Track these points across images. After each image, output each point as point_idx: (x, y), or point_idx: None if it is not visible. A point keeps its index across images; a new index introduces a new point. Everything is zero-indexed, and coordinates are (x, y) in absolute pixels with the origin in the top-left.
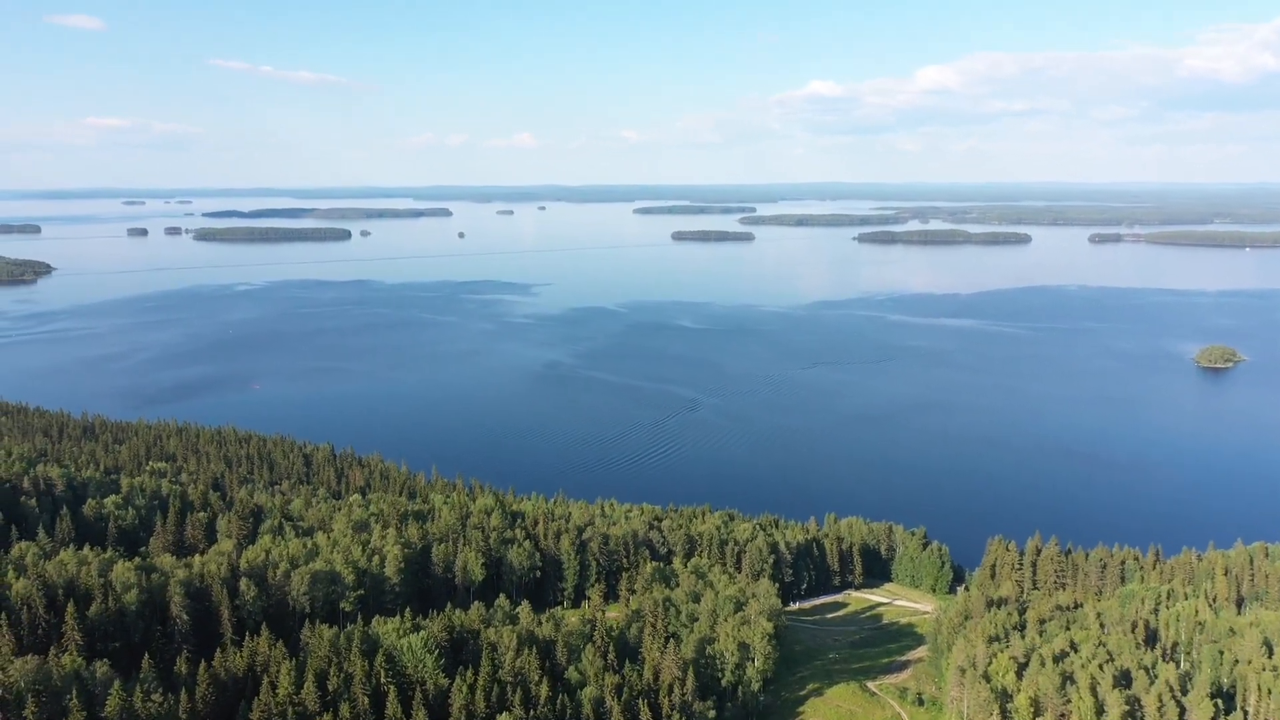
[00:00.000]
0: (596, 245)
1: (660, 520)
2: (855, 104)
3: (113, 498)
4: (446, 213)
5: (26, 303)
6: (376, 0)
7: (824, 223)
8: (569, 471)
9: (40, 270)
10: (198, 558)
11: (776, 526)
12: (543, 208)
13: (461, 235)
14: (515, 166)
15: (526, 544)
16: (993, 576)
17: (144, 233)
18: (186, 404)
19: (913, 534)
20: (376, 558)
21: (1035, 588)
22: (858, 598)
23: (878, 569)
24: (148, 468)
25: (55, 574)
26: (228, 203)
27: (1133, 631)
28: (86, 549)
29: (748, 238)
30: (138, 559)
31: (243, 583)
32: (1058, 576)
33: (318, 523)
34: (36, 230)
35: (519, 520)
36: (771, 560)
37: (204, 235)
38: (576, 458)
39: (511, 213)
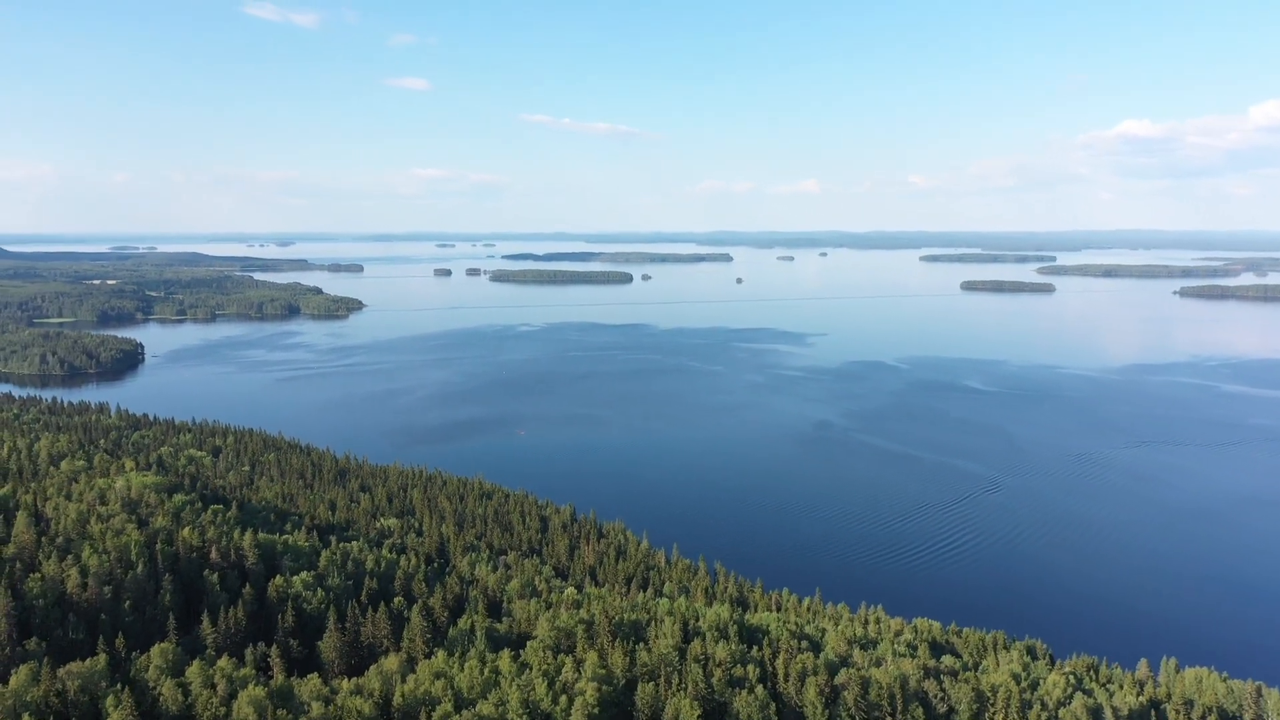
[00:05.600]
0: (878, 294)
1: (940, 653)
2: (1174, 144)
3: (303, 576)
4: (727, 258)
5: (334, 336)
6: (667, 52)
7: (1137, 274)
8: (833, 560)
9: (353, 307)
10: (346, 684)
11: (1095, 676)
12: (824, 254)
13: (739, 281)
14: (799, 212)
15: (760, 690)
16: None
17: (448, 273)
18: (446, 447)
19: None
20: (565, 699)
21: None
22: None
23: None
24: (377, 524)
25: (170, 699)
26: (525, 246)
27: None
28: (224, 661)
29: (1047, 289)
30: (282, 677)
31: None
32: None
33: (524, 620)
34: (360, 269)
35: (756, 645)
36: None
37: (499, 276)
38: (843, 543)
39: (792, 259)
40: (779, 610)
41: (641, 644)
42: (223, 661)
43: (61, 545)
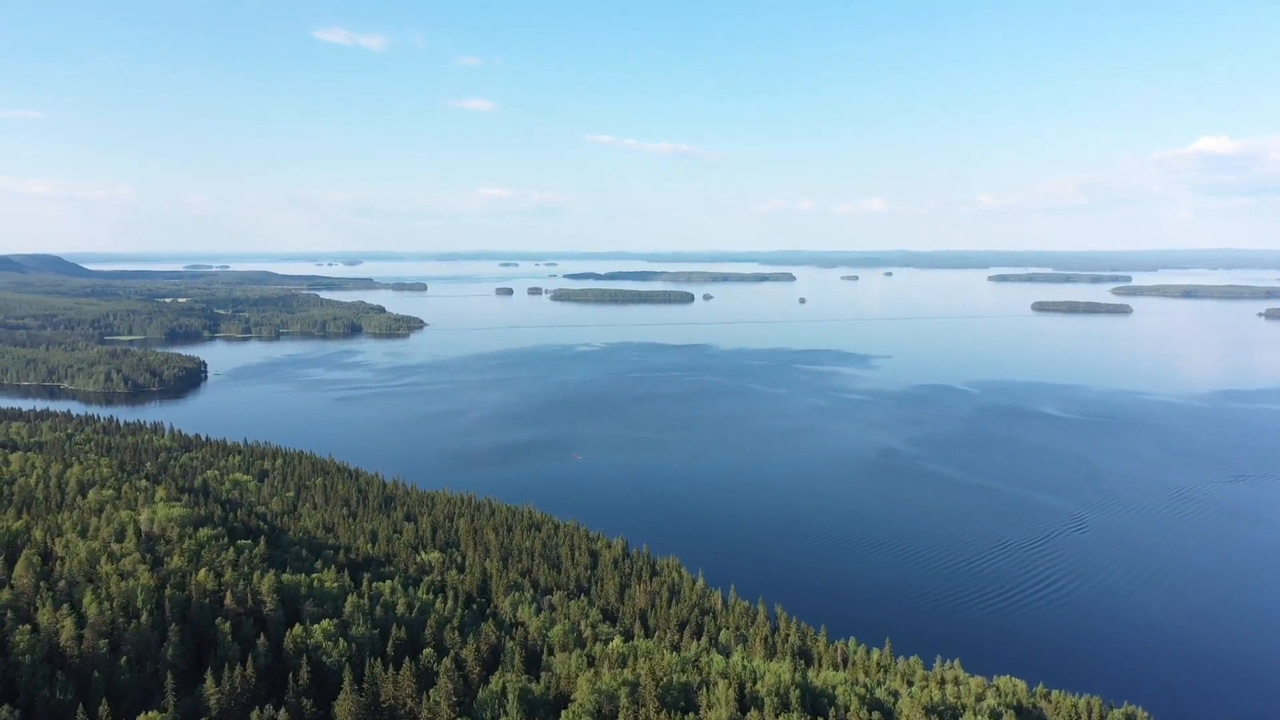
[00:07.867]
0: (945, 315)
1: None
2: (1255, 161)
3: (324, 624)
4: (790, 277)
5: (394, 355)
6: (730, 71)
7: (1218, 295)
8: (903, 604)
9: (414, 326)
10: None
11: None
12: (889, 273)
13: (802, 301)
14: (863, 231)
15: None
16: None
17: (510, 292)
18: (498, 471)
19: None
20: None
21: None
22: None
23: None
24: (418, 558)
25: None
26: (587, 265)
27: None
28: None
29: (1124, 310)
30: None
31: None
32: None
33: (564, 677)
34: (423, 288)
35: (821, 714)
36: None
37: (560, 296)
38: (914, 584)
39: (856, 278)
40: (845, 666)
41: (691, 715)
42: None
43: (63, 590)
